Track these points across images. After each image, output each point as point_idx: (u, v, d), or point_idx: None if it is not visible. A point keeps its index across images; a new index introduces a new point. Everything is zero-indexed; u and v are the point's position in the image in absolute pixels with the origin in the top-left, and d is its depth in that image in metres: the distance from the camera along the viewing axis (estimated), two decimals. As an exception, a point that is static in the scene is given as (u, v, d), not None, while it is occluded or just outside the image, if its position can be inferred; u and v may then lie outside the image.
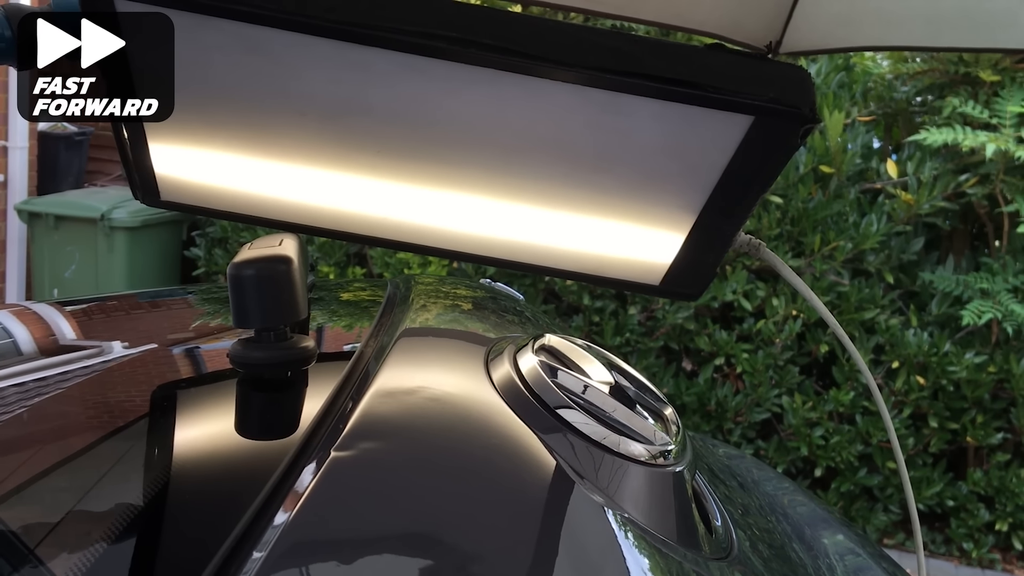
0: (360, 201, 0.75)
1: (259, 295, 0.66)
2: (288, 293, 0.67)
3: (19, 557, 0.52)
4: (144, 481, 0.61)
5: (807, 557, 0.98)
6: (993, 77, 3.05)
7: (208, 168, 0.75)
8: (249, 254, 0.69)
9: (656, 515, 0.56)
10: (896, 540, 3.22)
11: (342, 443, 0.53)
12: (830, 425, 3.16)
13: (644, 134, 0.64)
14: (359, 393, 0.60)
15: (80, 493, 0.61)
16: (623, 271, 0.75)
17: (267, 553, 0.43)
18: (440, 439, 0.56)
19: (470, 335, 0.81)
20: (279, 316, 0.67)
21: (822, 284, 3.10)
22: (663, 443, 0.60)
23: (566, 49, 0.59)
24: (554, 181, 0.69)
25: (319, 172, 0.73)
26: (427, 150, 0.68)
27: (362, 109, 0.67)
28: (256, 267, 0.66)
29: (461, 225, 0.75)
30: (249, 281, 0.66)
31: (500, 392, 0.60)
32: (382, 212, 0.76)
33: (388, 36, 0.59)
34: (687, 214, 0.68)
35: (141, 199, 0.79)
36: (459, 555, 0.46)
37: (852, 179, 3.25)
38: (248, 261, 0.67)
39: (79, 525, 0.56)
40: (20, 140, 4.68)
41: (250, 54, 0.64)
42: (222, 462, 0.63)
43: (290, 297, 0.67)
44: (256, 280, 0.66)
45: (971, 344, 3.08)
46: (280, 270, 0.67)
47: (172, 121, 0.71)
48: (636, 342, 3.28)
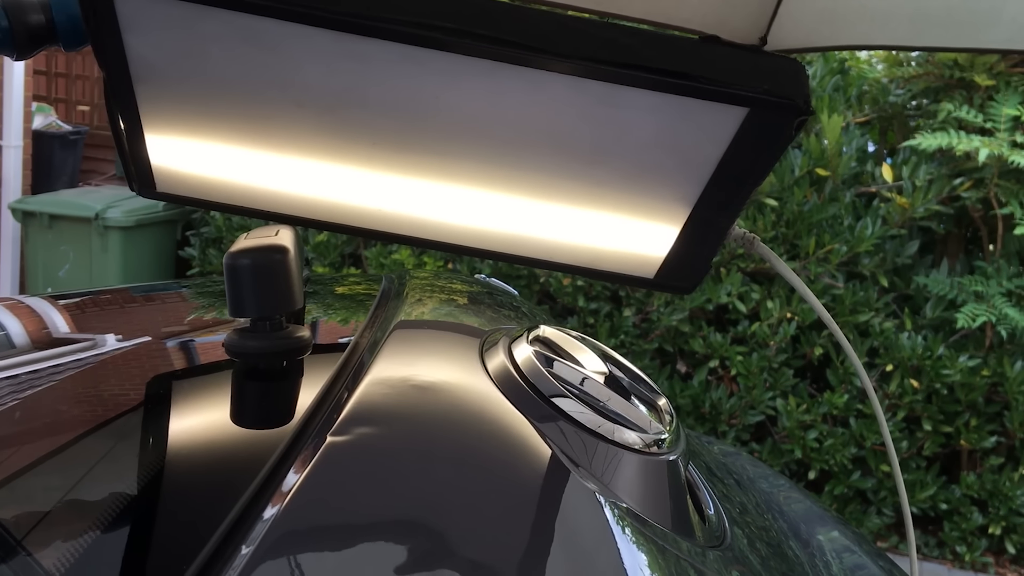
0: (356, 193, 0.76)
1: (255, 284, 0.66)
2: (284, 283, 0.67)
3: (9, 549, 0.52)
4: (139, 471, 0.61)
5: (803, 554, 0.98)
6: (988, 81, 3.06)
7: (205, 159, 0.76)
8: (245, 244, 0.69)
9: (650, 503, 0.56)
10: (889, 543, 3.23)
11: (337, 431, 0.53)
12: (824, 428, 3.16)
13: (639, 126, 0.64)
14: (354, 382, 0.60)
15: (75, 484, 0.61)
16: (617, 264, 0.76)
17: (260, 542, 0.43)
18: (435, 427, 0.56)
19: (465, 327, 0.81)
20: (275, 305, 0.67)
21: (817, 287, 3.11)
22: (657, 432, 0.61)
23: (562, 40, 0.59)
24: (549, 173, 0.69)
25: (316, 164, 0.73)
26: (422, 141, 0.68)
27: (359, 100, 0.67)
28: (252, 256, 0.66)
29: (456, 217, 0.75)
30: (245, 270, 0.66)
31: (495, 381, 0.60)
32: (377, 204, 0.76)
33: (386, 27, 0.60)
34: (682, 206, 0.69)
35: (137, 191, 0.79)
36: (453, 543, 0.46)
37: (847, 182, 3.26)
38: (244, 251, 0.67)
39: (73, 516, 0.56)
40: (14, 139, 4.68)
41: (247, 45, 0.64)
42: (217, 451, 0.63)
43: (286, 287, 0.67)
44: (252, 269, 0.66)
45: (965, 347, 3.09)
46: (276, 260, 0.67)
47: (169, 112, 0.71)
48: (631, 344, 3.29)
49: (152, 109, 0.71)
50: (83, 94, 6.36)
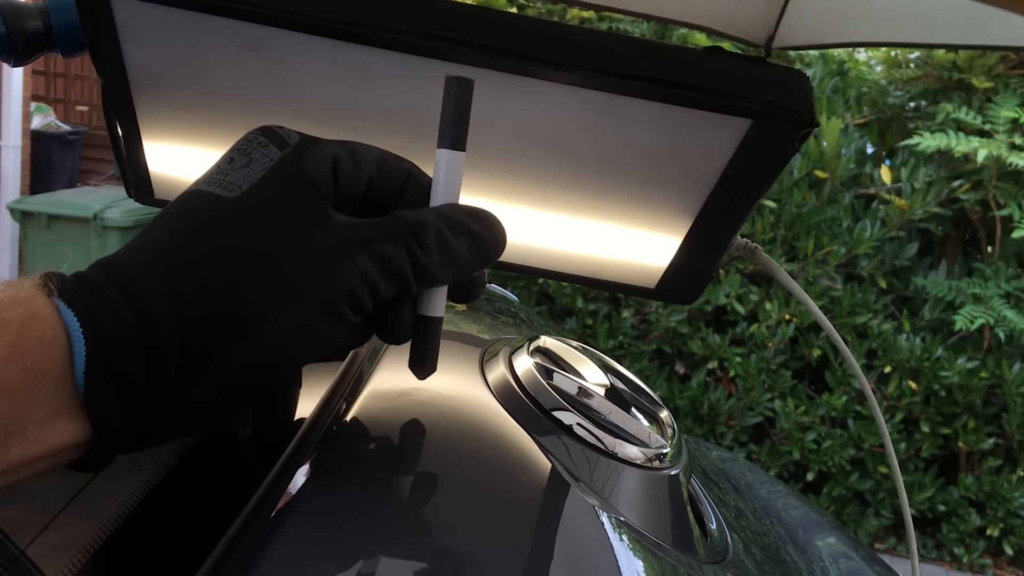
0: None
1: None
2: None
3: (7, 555, 0.52)
4: (131, 483, 0.61)
5: (801, 561, 0.98)
6: (986, 83, 3.06)
7: (204, 167, 0.75)
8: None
9: (651, 518, 0.56)
10: (888, 544, 3.23)
11: (335, 444, 0.52)
12: (822, 429, 3.16)
13: (641, 137, 0.64)
14: (353, 394, 0.60)
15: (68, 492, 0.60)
16: (619, 274, 0.75)
17: (260, 554, 0.43)
18: (434, 440, 0.56)
19: (465, 336, 0.81)
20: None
21: (815, 289, 3.11)
22: (658, 446, 0.60)
23: (564, 50, 0.59)
24: (550, 183, 0.69)
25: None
26: (423, 152, 0.67)
27: (359, 110, 0.66)
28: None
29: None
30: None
31: (495, 394, 0.60)
32: (378, 212, 0.75)
33: (386, 36, 0.59)
34: (684, 218, 0.68)
35: (135, 197, 0.79)
36: (453, 557, 0.46)
37: (846, 184, 3.26)
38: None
39: (68, 523, 0.55)
40: (13, 139, 4.67)
41: (247, 53, 0.64)
42: (213, 463, 0.62)
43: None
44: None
45: (963, 349, 3.09)
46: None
47: (168, 119, 0.70)
48: (629, 345, 3.29)
49: (150, 116, 0.70)
50: (82, 94, 6.35)
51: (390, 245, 0.42)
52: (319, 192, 0.43)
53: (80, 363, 0.36)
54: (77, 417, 0.37)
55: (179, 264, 0.39)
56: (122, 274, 0.39)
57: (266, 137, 0.45)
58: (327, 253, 0.41)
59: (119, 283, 0.38)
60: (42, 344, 0.35)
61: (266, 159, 0.44)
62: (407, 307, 0.46)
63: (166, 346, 0.38)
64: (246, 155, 0.44)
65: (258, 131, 0.46)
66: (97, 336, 0.36)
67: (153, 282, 0.39)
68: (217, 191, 0.42)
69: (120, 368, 0.37)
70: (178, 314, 0.38)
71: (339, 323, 0.42)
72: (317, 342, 0.42)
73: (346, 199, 0.44)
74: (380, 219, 0.44)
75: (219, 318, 0.39)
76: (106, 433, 0.38)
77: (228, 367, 0.40)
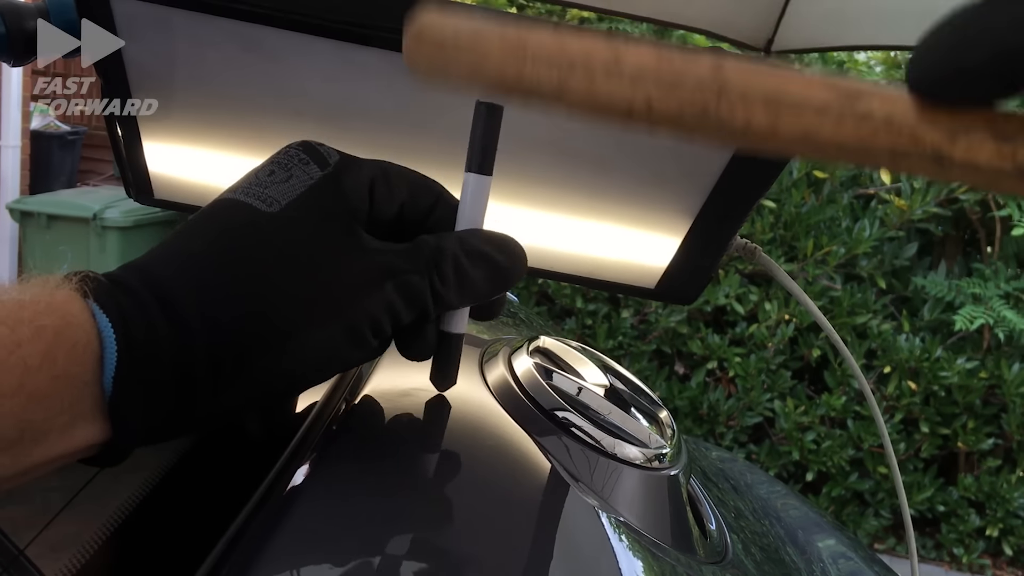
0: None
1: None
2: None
3: (6, 555, 0.52)
4: (131, 483, 0.61)
5: (801, 561, 0.98)
6: (986, 84, 3.06)
7: (203, 167, 0.75)
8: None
9: (651, 518, 0.56)
10: (887, 545, 3.23)
11: (335, 444, 0.52)
12: (822, 429, 3.16)
13: (641, 137, 0.64)
14: (353, 394, 0.60)
15: (67, 493, 0.60)
16: (618, 274, 0.75)
17: (260, 553, 0.43)
18: (434, 440, 0.56)
19: (464, 336, 0.81)
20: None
21: (814, 289, 3.11)
22: (658, 446, 0.60)
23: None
24: (551, 184, 0.69)
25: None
26: (424, 151, 0.67)
27: (359, 109, 0.66)
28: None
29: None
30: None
31: (494, 394, 0.60)
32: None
33: (386, 36, 0.59)
34: (683, 218, 0.68)
35: (135, 197, 0.79)
36: (453, 557, 0.46)
37: (845, 184, 3.26)
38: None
39: (67, 523, 0.55)
40: (12, 139, 4.67)
41: (246, 53, 0.64)
42: (212, 464, 0.62)
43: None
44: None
45: (963, 350, 3.09)
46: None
47: (167, 119, 0.70)
48: (629, 345, 3.29)
49: (150, 116, 0.70)
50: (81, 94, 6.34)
51: (416, 276, 0.43)
52: (354, 216, 0.43)
53: (110, 369, 0.36)
54: (99, 420, 0.37)
55: (212, 273, 0.39)
56: (155, 280, 0.39)
57: (307, 154, 0.45)
58: (358, 280, 0.42)
59: (152, 289, 0.38)
60: (75, 350, 0.35)
61: (306, 176, 0.44)
62: (430, 328, 0.48)
63: (196, 354, 0.38)
64: (287, 170, 0.44)
65: (299, 147, 0.46)
66: (128, 341, 0.36)
67: (186, 290, 0.39)
68: (255, 203, 0.42)
69: (149, 375, 0.37)
70: (209, 323, 0.38)
71: (360, 347, 0.43)
72: (337, 361, 0.43)
73: (378, 221, 0.45)
74: (406, 246, 0.44)
75: (249, 331, 0.39)
76: (126, 436, 0.38)
77: (254, 378, 0.40)
